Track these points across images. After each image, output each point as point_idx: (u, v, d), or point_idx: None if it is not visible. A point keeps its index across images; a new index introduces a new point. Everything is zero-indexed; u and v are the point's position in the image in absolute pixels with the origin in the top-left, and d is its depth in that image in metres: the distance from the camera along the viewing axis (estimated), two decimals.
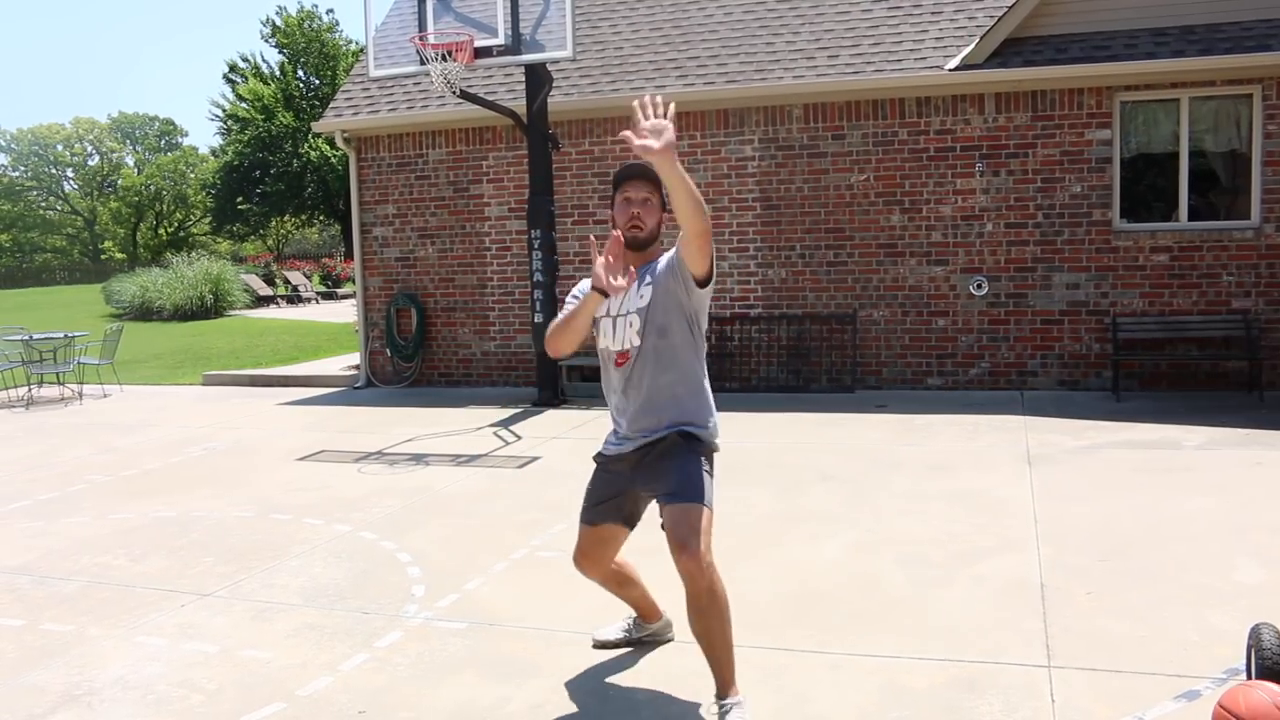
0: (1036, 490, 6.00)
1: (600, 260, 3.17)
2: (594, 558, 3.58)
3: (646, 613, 3.85)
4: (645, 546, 5.10)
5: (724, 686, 3.17)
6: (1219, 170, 9.65)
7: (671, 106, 2.94)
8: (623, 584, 3.73)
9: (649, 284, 3.33)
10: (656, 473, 3.30)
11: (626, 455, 3.40)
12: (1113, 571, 4.52)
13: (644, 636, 3.86)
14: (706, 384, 3.42)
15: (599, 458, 3.55)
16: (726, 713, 3.13)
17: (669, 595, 4.17)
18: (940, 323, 10.11)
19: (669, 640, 3.89)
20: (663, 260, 3.36)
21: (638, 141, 2.85)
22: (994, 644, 3.79)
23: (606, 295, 3.18)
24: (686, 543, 3.06)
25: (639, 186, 3.30)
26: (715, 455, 3.38)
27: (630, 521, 3.53)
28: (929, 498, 5.93)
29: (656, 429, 3.33)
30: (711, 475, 3.30)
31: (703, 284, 3.27)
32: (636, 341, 3.32)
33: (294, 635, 4.15)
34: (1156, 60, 9.13)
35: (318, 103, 40.12)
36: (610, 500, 3.48)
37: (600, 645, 3.84)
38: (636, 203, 3.29)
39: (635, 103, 2.94)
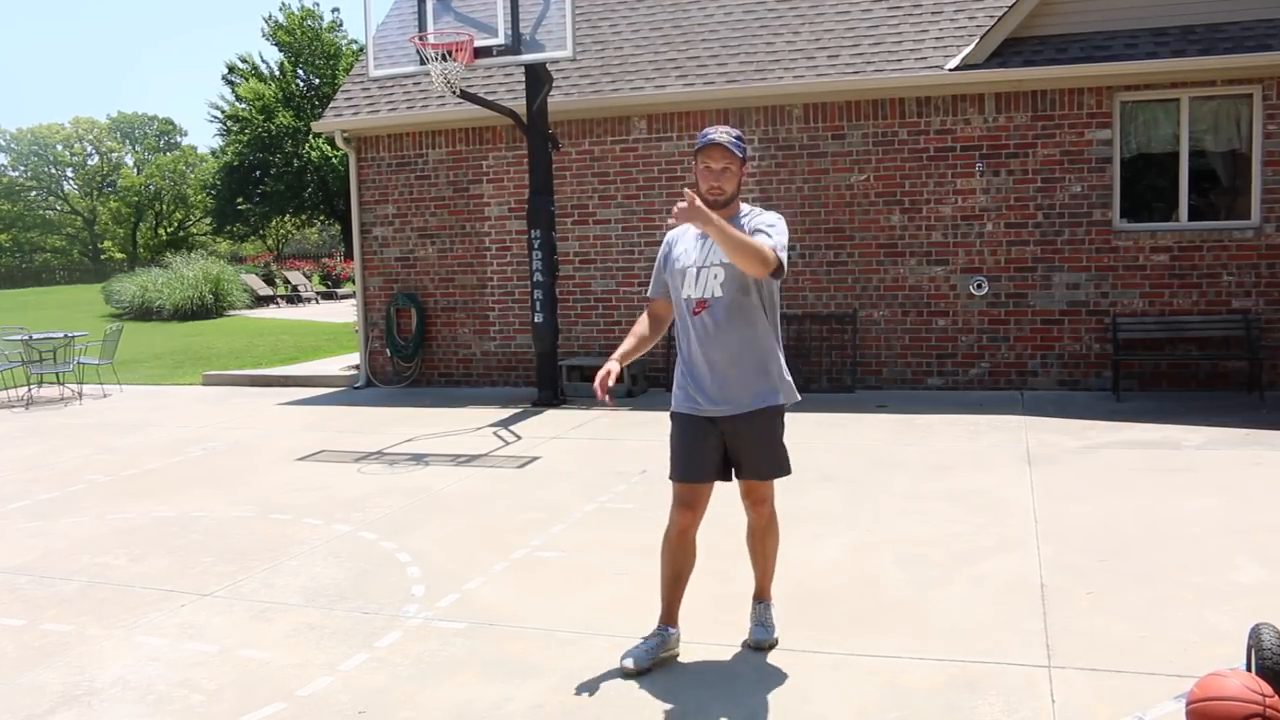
0: (1036, 490, 6.00)
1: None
2: (699, 508, 3.74)
3: (674, 612, 3.79)
4: (645, 546, 5.11)
5: (763, 592, 3.93)
6: (1219, 170, 9.65)
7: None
8: (691, 556, 3.79)
9: None
10: (746, 452, 3.67)
11: (715, 420, 3.65)
12: (1113, 571, 4.52)
13: (665, 654, 3.74)
14: (779, 348, 3.73)
15: (678, 416, 3.73)
16: (764, 606, 3.91)
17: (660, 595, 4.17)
18: (940, 323, 10.11)
19: (677, 654, 3.78)
20: (749, 222, 3.64)
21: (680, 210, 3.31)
22: (994, 644, 3.79)
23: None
24: (762, 503, 3.80)
25: (717, 157, 3.62)
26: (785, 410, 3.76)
27: (721, 474, 3.74)
28: (929, 498, 5.93)
29: (742, 402, 3.62)
30: (783, 427, 3.74)
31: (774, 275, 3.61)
32: (719, 293, 3.61)
33: (294, 635, 4.15)
34: (1156, 60, 9.13)
35: (318, 102, 40.10)
36: (705, 452, 3.68)
37: (633, 674, 3.62)
38: (716, 172, 3.62)
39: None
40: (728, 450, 3.70)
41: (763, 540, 3.86)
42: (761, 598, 3.92)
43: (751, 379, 3.63)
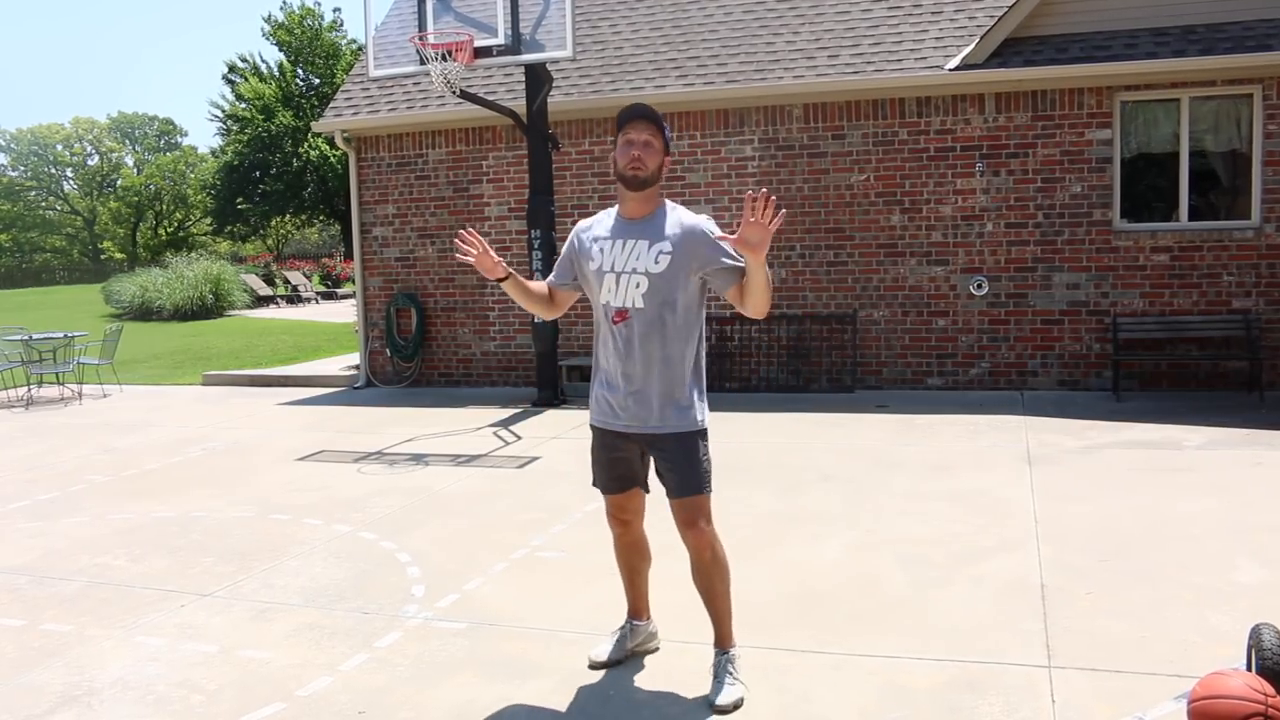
0: (1037, 490, 6.00)
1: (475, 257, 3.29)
2: (626, 516, 3.63)
3: (639, 607, 3.79)
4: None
5: (723, 639, 3.50)
6: (1219, 170, 9.64)
7: (780, 214, 3.09)
8: (643, 555, 3.72)
9: (666, 252, 3.33)
10: (660, 471, 3.47)
11: (624, 436, 3.47)
12: (1113, 571, 4.52)
13: (636, 646, 3.77)
14: (701, 362, 3.48)
15: (595, 429, 3.57)
16: (727, 660, 3.46)
17: (668, 594, 4.17)
18: (940, 323, 10.11)
19: (656, 649, 3.84)
20: (682, 224, 3.37)
21: (746, 232, 3.08)
22: (994, 644, 3.78)
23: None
24: (694, 523, 3.41)
25: (640, 128, 3.32)
26: (708, 430, 3.49)
27: (642, 482, 3.61)
28: (929, 498, 5.93)
29: (649, 423, 3.40)
30: (707, 448, 3.46)
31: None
32: (640, 304, 3.34)
33: (294, 635, 4.14)
34: (1157, 60, 9.13)
35: (317, 102, 40.10)
36: (623, 463, 3.54)
37: (597, 666, 3.69)
38: (638, 144, 3.30)
39: (748, 197, 3.05)
40: (648, 461, 3.53)
41: (708, 577, 3.46)
42: (722, 646, 3.49)
43: (665, 401, 3.37)
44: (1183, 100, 9.48)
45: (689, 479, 3.40)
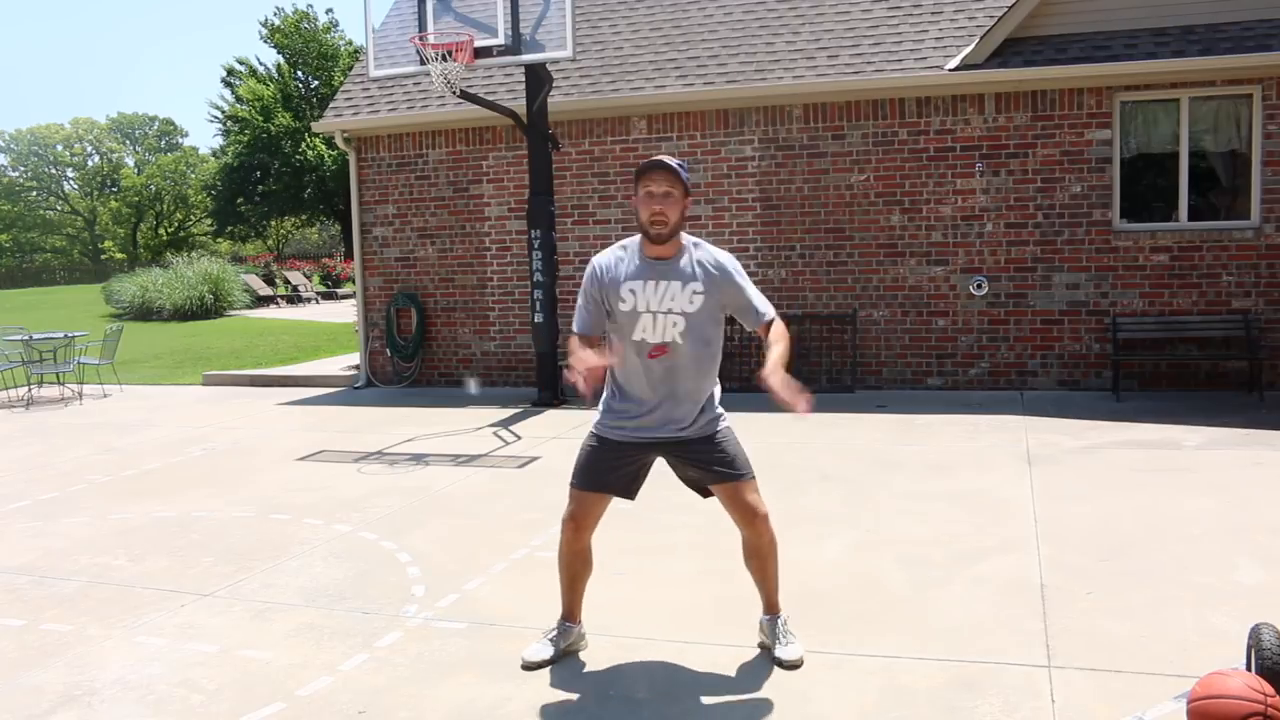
0: (1036, 490, 6.00)
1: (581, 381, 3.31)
2: (590, 522, 3.68)
3: (573, 611, 3.83)
4: (644, 547, 5.12)
5: (773, 606, 3.77)
6: (1219, 170, 9.65)
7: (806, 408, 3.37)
8: (586, 563, 3.78)
9: (699, 292, 3.50)
10: (701, 462, 3.60)
11: (646, 446, 3.60)
12: (1113, 571, 4.52)
13: (567, 647, 3.80)
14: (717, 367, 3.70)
15: (600, 439, 3.64)
16: (783, 623, 3.73)
17: (667, 594, 4.17)
18: (940, 323, 10.11)
19: (583, 649, 3.85)
20: (710, 264, 3.52)
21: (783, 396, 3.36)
22: (994, 644, 3.78)
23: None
24: (756, 509, 3.61)
25: (659, 180, 3.43)
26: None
27: (631, 492, 3.70)
28: (929, 498, 5.93)
29: (682, 427, 3.58)
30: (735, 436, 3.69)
31: None
32: (680, 341, 3.51)
33: (294, 635, 4.15)
34: (1156, 60, 9.13)
35: (316, 103, 40.14)
36: (623, 473, 3.63)
37: (531, 666, 3.70)
38: (659, 197, 3.42)
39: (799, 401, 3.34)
40: (688, 472, 3.65)
41: (764, 559, 3.69)
42: (774, 612, 3.76)
43: (697, 411, 3.59)
44: (1182, 100, 9.48)
45: (735, 462, 3.60)
